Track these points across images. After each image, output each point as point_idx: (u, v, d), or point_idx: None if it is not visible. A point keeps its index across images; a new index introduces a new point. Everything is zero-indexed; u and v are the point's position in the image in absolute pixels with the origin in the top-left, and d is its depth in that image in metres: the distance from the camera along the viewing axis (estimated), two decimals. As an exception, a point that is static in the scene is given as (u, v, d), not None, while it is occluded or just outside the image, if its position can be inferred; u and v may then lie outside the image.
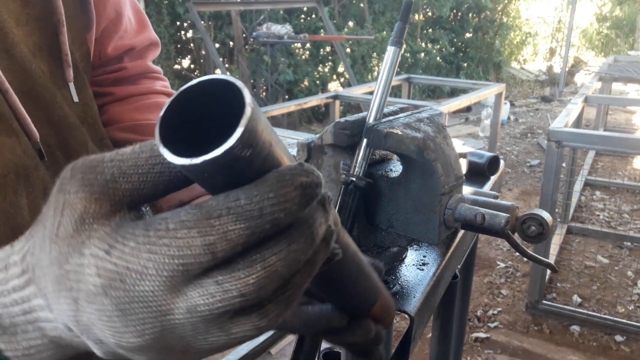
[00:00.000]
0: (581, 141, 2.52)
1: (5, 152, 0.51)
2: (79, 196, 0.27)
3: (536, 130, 6.99)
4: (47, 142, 0.57)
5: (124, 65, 0.76)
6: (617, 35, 13.99)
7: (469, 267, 0.97)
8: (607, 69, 5.05)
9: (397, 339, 0.74)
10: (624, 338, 2.65)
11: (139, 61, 0.79)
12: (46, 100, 0.57)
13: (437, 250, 0.66)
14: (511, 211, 0.65)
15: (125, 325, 0.26)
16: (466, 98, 4.41)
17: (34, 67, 0.56)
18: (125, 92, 0.76)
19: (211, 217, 0.25)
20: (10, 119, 0.52)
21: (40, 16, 0.57)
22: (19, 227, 0.51)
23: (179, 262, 0.25)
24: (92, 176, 0.27)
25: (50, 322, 0.29)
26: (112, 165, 0.27)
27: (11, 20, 0.54)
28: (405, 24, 0.68)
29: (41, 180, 0.55)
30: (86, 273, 0.26)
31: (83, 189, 0.27)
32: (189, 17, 6.64)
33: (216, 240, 0.25)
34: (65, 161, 0.59)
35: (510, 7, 11.82)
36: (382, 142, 0.66)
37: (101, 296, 0.26)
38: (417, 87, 8.06)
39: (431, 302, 0.61)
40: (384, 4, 9.02)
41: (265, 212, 0.25)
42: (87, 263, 0.26)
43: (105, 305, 0.26)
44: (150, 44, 0.80)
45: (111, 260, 0.26)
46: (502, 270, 3.37)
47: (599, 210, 4.24)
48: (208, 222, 0.25)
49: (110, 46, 0.73)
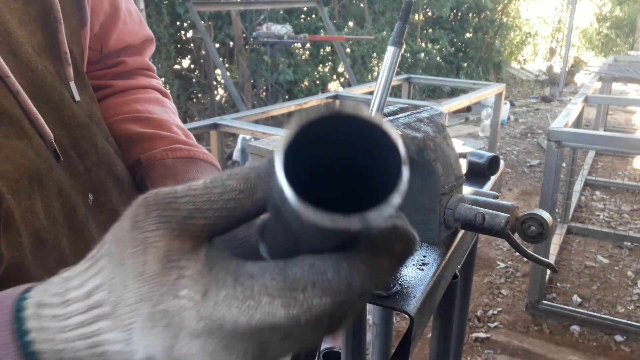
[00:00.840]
0: (581, 141, 2.52)
1: (17, 156, 0.50)
2: (160, 234, 0.27)
3: (536, 130, 6.99)
4: (61, 143, 0.56)
5: (123, 60, 0.76)
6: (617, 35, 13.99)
7: (469, 267, 0.97)
8: (607, 69, 5.05)
9: (397, 339, 0.74)
10: (624, 338, 2.65)
11: (137, 57, 0.79)
12: (55, 101, 0.56)
13: (437, 250, 0.66)
14: (511, 211, 0.65)
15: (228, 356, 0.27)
16: (466, 98, 4.41)
17: (40, 67, 0.55)
18: (123, 85, 0.76)
19: (296, 290, 0.25)
20: (22, 122, 0.51)
21: (40, 15, 0.57)
22: (37, 231, 0.50)
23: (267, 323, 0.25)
24: (169, 213, 0.27)
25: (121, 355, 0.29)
26: (187, 202, 0.28)
27: (14, 20, 0.53)
28: (405, 23, 0.68)
29: (55, 182, 0.54)
30: (186, 316, 0.26)
31: (162, 226, 0.27)
32: (189, 17, 6.64)
33: (300, 313, 0.25)
34: (79, 161, 0.59)
35: (510, 7, 11.82)
36: (382, 142, 0.66)
37: (205, 335, 0.26)
38: (417, 87, 8.06)
39: (431, 302, 0.61)
40: (384, 4, 9.02)
41: (355, 287, 0.25)
42: (186, 306, 0.26)
43: (209, 343, 0.27)
44: (146, 40, 0.80)
45: (208, 308, 0.26)
46: (502, 270, 3.37)
47: (599, 210, 4.24)
48: (292, 294, 0.25)
49: (112, 39, 0.73)
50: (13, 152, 0.49)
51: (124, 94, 0.76)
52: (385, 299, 0.56)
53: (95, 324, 0.29)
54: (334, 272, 0.25)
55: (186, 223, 0.27)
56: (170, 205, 0.28)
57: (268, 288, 0.25)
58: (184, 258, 0.27)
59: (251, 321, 0.26)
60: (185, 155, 0.71)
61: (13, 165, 0.49)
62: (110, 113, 0.74)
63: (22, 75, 0.52)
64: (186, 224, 0.27)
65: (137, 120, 0.73)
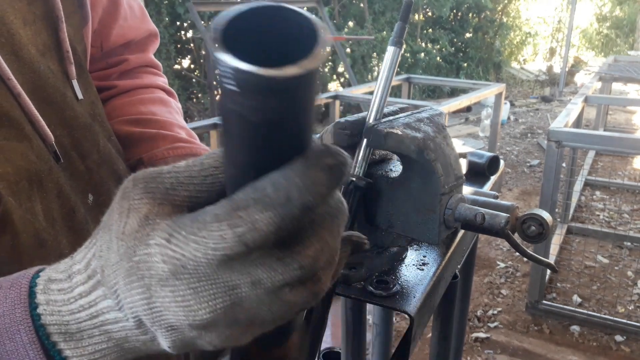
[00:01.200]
0: (581, 141, 2.52)
1: (17, 158, 0.50)
2: (143, 201, 0.30)
3: (536, 130, 6.99)
4: (62, 144, 0.56)
5: (126, 57, 0.76)
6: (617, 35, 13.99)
7: (469, 267, 0.97)
8: (607, 69, 5.05)
9: (397, 339, 0.74)
10: (624, 338, 2.65)
11: (141, 54, 0.78)
12: (57, 101, 0.56)
13: (437, 250, 0.66)
14: (511, 211, 0.65)
15: (199, 302, 0.28)
16: (466, 98, 4.40)
17: (43, 68, 0.55)
18: (128, 85, 0.76)
19: (239, 209, 0.27)
20: (22, 124, 0.51)
21: (45, 15, 0.56)
22: (38, 232, 0.50)
23: (220, 253, 0.27)
24: (154, 185, 0.30)
25: (118, 323, 0.31)
26: (171, 176, 0.31)
27: (18, 20, 0.53)
28: (405, 23, 0.68)
29: (54, 183, 0.54)
30: (154, 261, 0.28)
31: (146, 196, 0.30)
32: (189, 17, 6.64)
33: (245, 232, 0.27)
34: (80, 161, 0.58)
35: (510, 7, 11.82)
36: (382, 142, 0.66)
37: (172, 279, 0.28)
38: (417, 87, 8.06)
39: (431, 302, 0.61)
40: (384, 4, 9.02)
41: (293, 199, 0.27)
42: (153, 252, 0.28)
43: (177, 287, 0.28)
44: (149, 35, 0.79)
45: (171, 248, 0.28)
46: (502, 270, 3.37)
47: (599, 210, 4.24)
48: (236, 213, 0.27)
49: (112, 35, 0.72)
50: (13, 154, 0.49)
51: (128, 94, 0.76)
52: (385, 299, 0.56)
53: (92, 293, 0.31)
54: (272, 187, 0.27)
55: (169, 193, 0.30)
56: (156, 179, 0.30)
57: (218, 215, 0.27)
58: (159, 218, 0.29)
59: (207, 252, 0.27)
60: (186, 153, 0.71)
61: (13, 167, 0.49)
62: (115, 114, 0.73)
63: (24, 76, 0.52)
64: (168, 194, 0.30)
65: (139, 123, 0.73)
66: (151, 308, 0.29)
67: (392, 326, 0.72)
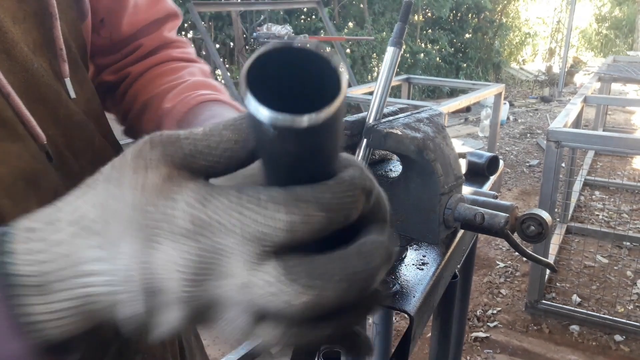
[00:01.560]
0: (580, 141, 2.52)
1: (12, 159, 0.49)
2: (162, 162, 0.29)
3: (535, 131, 7.00)
4: (55, 143, 0.55)
5: (140, 42, 0.72)
6: (616, 35, 14.00)
7: (469, 266, 0.97)
8: (606, 69, 5.05)
9: (397, 338, 0.74)
10: (623, 337, 2.65)
11: (155, 34, 0.74)
12: (51, 100, 0.55)
13: (436, 250, 0.67)
14: (510, 211, 0.65)
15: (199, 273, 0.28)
16: (465, 98, 4.41)
17: (36, 66, 0.54)
18: (140, 67, 0.73)
19: (299, 200, 0.27)
20: (14, 124, 0.50)
21: (36, 12, 0.55)
22: None
23: (262, 230, 0.27)
24: (173, 149, 0.29)
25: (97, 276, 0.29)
26: (189, 143, 0.29)
27: (7, 18, 0.52)
28: (405, 24, 0.68)
29: (50, 183, 0.53)
30: (177, 216, 0.27)
31: (165, 158, 0.29)
32: (189, 18, 6.64)
33: (297, 220, 0.27)
34: (74, 160, 0.58)
35: (510, 8, 11.83)
36: (381, 142, 0.66)
37: (190, 240, 0.27)
38: (417, 87, 8.06)
39: (431, 301, 0.61)
40: (383, 4, 9.02)
41: (344, 207, 0.28)
42: (180, 208, 0.27)
43: (190, 248, 0.27)
44: (167, 15, 0.75)
45: (206, 212, 0.27)
46: (502, 270, 3.37)
47: (598, 210, 4.24)
48: (295, 203, 0.27)
49: (123, 24, 0.70)
50: (7, 155, 0.49)
51: (141, 78, 0.72)
52: (385, 299, 0.56)
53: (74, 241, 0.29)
54: (331, 192, 0.28)
55: (187, 160, 0.29)
56: (175, 143, 0.29)
57: (275, 197, 0.27)
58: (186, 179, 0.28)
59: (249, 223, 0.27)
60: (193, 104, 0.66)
61: (8, 168, 0.49)
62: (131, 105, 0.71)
63: (16, 75, 0.52)
64: (187, 161, 0.29)
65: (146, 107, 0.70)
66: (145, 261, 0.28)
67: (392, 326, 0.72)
